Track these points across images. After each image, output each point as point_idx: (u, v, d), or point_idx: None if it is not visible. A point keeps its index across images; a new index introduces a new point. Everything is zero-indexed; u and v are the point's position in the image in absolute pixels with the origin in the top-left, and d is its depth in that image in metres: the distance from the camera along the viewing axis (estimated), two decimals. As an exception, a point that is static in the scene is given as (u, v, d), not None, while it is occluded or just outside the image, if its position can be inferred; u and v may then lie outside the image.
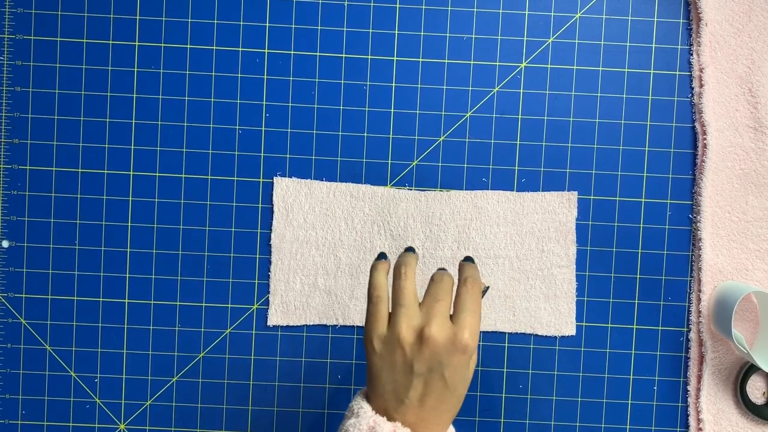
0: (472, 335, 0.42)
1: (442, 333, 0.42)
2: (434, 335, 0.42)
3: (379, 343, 0.43)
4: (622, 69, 0.61)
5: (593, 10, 0.61)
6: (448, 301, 0.44)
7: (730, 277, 0.61)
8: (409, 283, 0.45)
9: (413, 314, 0.43)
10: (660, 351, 0.62)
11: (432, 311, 0.43)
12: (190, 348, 0.62)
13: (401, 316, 0.43)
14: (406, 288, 0.44)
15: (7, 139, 0.61)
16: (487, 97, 0.61)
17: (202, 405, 0.62)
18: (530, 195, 0.61)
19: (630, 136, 0.61)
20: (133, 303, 0.61)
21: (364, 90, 0.61)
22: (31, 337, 0.62)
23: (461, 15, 0.61)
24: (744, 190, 0.61)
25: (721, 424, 0.61)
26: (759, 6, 0.61)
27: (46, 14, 0.61)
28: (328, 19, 0.61)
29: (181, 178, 0.61)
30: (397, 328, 0.43)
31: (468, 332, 0.42)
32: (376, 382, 0.44)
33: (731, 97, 0.61)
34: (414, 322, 0.43)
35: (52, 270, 0.61)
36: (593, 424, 0.62)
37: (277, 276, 0.61)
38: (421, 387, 0.43)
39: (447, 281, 0.45)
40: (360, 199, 0.61)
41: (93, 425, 0.62)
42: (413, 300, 0.44)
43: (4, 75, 0.61)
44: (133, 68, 0.61)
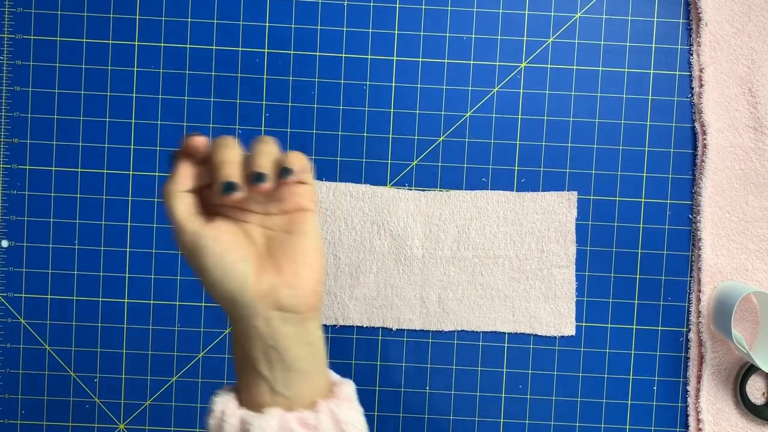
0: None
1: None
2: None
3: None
4: (622, 69, 0.61)
5: (593, 10, 0.61)
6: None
7: (730, 277, 0.61)
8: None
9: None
10: (660, 351, 0.62)
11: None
12: (189, 348, 0.62)
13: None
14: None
15: (6, 139, 0.61)
16: (487, 97, 0.61)
17: (201, 405, 0.62)
18: (530, 195, 0.61)
19: (630, 136, 0.61)
20: (132, 303, 0.61)
21: (364, 90, 0.61)
22: (30, 336, 0.62)
23: (461, 15, 0.61)
24: (744, 190, 0.61)
25: (721, 425, 0.61)
26: (759, 6, 0.61)
27: (45, 14, 0.61)
28: (328, 19, 0.61)
29: (180, 178, 0.61)
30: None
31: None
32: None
33: (731, 97, 0.61)
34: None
35: (52, 270, 0.61)
36: (593, 425, 0.62)
37: (276, 276, 0.61)
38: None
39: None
40: (360, 199, 0.61)
41: (92, 425, 0.62)
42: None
43: (4, 75, 0.61)
44: (133, 68, 0.61)
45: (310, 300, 0.37)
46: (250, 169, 0.35)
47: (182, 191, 0.37)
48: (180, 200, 0.37)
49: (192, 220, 0.37)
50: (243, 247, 0.37)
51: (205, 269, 0.36)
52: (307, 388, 0.37)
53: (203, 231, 0.36)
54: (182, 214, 0.37)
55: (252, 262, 0.36)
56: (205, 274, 0.36)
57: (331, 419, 0.36)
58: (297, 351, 0.37)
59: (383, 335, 0.62)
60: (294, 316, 0.36)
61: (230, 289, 0.36)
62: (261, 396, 0.37)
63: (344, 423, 0.36)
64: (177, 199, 0.37)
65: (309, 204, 0.38)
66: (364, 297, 0.61)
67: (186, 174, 0.37)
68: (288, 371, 0.37)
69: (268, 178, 0.35)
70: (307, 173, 0.38)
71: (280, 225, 0.38)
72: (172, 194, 0.37)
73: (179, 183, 0.37)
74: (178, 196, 0.37)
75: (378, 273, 0.61)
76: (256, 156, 0.36)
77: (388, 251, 0.61)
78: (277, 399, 0.37)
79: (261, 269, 0.36)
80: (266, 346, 0.36)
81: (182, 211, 0.37)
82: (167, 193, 0.37)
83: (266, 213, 0.38)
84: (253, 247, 0.37)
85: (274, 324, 0.36)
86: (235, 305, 0.36)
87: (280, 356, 0.36)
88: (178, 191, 0.37)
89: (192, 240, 0.36)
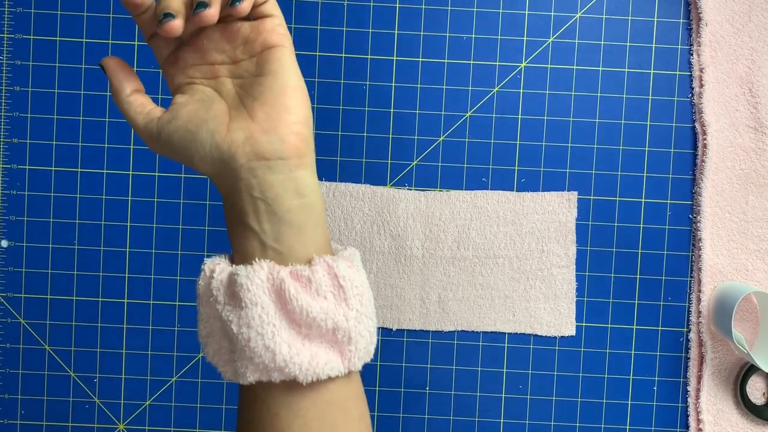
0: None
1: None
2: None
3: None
4: (622, 69, 0.61)
5: (593, 10, 0.61)
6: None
7: (730, 277, 0.61)
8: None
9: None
10: (660, 351, 0.62)
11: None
12: (189, 348, 0.62)
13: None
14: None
15: (6, 139, 0.61)
16: (487, 97, 0.61)
17: (201, 405, 0.62)
18: (530, 195, 0.61)
19: (630, 136, 0.61)
20: (132, 303, 0.61)
21: (363, 90, 0.61)
22: (30, 337, 0.61)
23: (461, 15, 0.61)
24: (744, 190, 0.61)
25: (721, 425, 0.61)
26: (759, 6, 0.60)
27: (45, 14, 0.61)
28: (328, 18, 0.61)
29: (180, 178, 0.61)
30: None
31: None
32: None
33: (731, 97, 0.61)
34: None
35: (52, 270, 0.61)
36: (593, 425, 0.62)
37: (276, 276, 0.61)
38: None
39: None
40: (360, 199, 0.61)
41: (92, 425, 0.62)
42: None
43: (4, 74, 0.61)
44: (133, 68, 0.61)
45: (294, 143, 0.34)
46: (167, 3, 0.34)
47: (127, 95, 0.36)
48: (130, 107, 0.36)
49: (149, 116, 0.36)
50: (206, 110, 0.35)
51: (176, 150, 0.35)
52: (302, 244, 0.34)
53: (161, 120, 0.35)
54: (137, 112, 0.36)
55: (218, 119, 0.34)
56: (178, 153, 0.35)
57: (327, 273, 0.33)
58: (287, 202, 0.34)
59: (383, 335, 0.62)
60: (280, 163, 0.34)
61: (203, 153, 0.34)
62: (251, 250, 0.34)
63: (342, 278, 0.34)
64: (126, 102, 0.36)
65: (278, 39, 0.35)
66: (364, 297, 0.61)
67: (120, 76, 0.36)
68: (279, 224, 0.34)
69: (210, 4, 0.33)
70: (268, 2, 0.35)
71: (249, 70, 0.36)
72: (119, 100, 0.36)
73: (120, 89, 0.36)
74: (126, 100, 0.36)
75: (378, 273, 0.61)
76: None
77: (388, 251, 0.61)
78: (268, 253, 0.34)
79: (232, 121, 0.34)
80: (253, 198, 0.34)
81: (136, 109, 0.36)
82: (117, 102, 0.37)
83: (234, 61, 0.36)
84: (221, 104, 0.35)
85: (260, 173, 0.34)
86: (215, 165, 0.34)
87: (270, 207, 0.34)
88: (124, 94, 0.36)
89: (155, 136, 0.35)
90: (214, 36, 0.36)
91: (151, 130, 0.36)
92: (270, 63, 0.35)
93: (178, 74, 0.37)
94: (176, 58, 0.37)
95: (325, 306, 0.33)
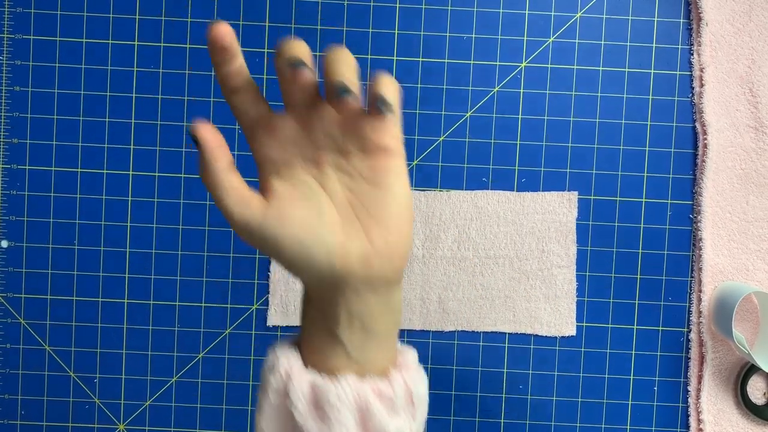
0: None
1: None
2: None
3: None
4: (623, 69, 0.61)
5: (593, 10, 0.61)
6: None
7: (731, 277, 0.61)
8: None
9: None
10: (660, 351, 0.62)
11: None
12: (189, 348, 0.62)
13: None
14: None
15: (6, 139, 0.61)
16: (487, 97, 0.61)
17: (201, 405, 0.62)
18: (530, 195, 0.61)
19: (630, 136, 0.61)
20: (132, 303, 0.61)
21: (364, 90, 0.61)
22: (30, 337, 0.61)
23: (461, 15, 0.61)
24: (745, 190, 0.61)
25: (722, 425, 0.61)
26: (759, 5, 0.60)
27: (45, 14, 0.61)
28: (328, 18, 0.61)
29: (180, 178, 0.61)
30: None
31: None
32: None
33: (732, 97, 0.61)
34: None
35: (52, 270, 0.61)
36: (593, 425, 0.62)
37: (276, 276, 0.61)
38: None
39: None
40: (360, 199, 0.61)
41: (92, 425, 0.62)
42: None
43: (4, 75, 0.61)
44: (133, 68, 0.61)
45: (400, 267, 0.32)
46: (331, 78, 0.29)
47: (223, 169, 0.30)
48: (225, 185, 0.30)
49: (249, 207, 0.30)
50: (317, 216, 0.31)
51: (283, 258, 0.31)
52: (382, 354, 0.34)
53: (266, 218, 0.30)
54: (234, 201, 0.30)
55: (334, 233, 0.31)
56: (284, 261, 0.31)
57: (405, 391, 0.33)
58: (381, 318, 0.33)
59: (383, 335, 0.62)
60: (383, 286, 0.32)
61: (316, 269, 0.31)
62: (333, 360, 0.33)
63: (416, 396, 0.34)
64: (221, 184, 0.30)
65: (394, 144, 0.31)
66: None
67: (216, 142, 0.30)
68: (367, 338, 0.33)
69: (353, 94, 0.29)
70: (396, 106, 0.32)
71: (360, 171, 0.31)
72: (213, 180, 0.30)
73: (215, 158, 0.30)
74: (220, 181, 0.30)
75: (378, 273, 0.61)
76: (335, 63, 0.29)
77: (388, 251, 0.61)
78: (351, 365, 0.33)
79: (348, 238, 0.31)
80: (350, 314, 0.32)
81: (233, 198, 0.30)
82: (208, 182, 0.30)
83: (342, 152, 0.32)
84: (331, 208, 0.31)
85: (363, 293, 0.32)
86: (321, 281, 0.31)
87: (363, 323, 0.32)
88: (219, 172, 0.30)
89: (257, 234, 0.30)
90: (324, 113, 0.32)
91: (249, 226, 0.31)
92: (385, 173, 0.31)
93: (272, 145, 0.32)
94: (273, 125, 0.32)
95: (399, 423, 0.33)
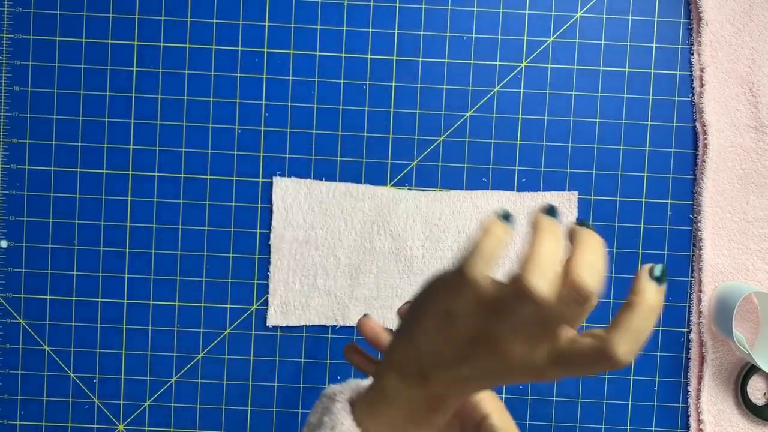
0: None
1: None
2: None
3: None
4: (623, 69, 0.61)
5: (593, 9, 0.61)
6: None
7: (731, 277, 0.61)
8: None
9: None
10: (660, 351, 0.62)
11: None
12: (189, 348, 0.62)
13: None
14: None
15: (5, 139, 0.61)
16: (487, 97, 0.61)
17: (201, 405, 0.62)
18: (530, 195, 0.61)
19: (630, 136, 0.61)
20: (131, 303, 0.61)
21: (363, 90, 0.61)
22: (29, 337, 0.61)
23: (461, 15, 0.61)
24: (745, 190, 0.61)
25: (722, 425, 0.61)
26: (759, 5, 0.60)
27: (45, 14, 0.61)
28: (328, 18, 0.61)
29: (180, 178, 0.61)
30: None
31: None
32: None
33: (732, 97, 0.61)
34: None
35: (51, 270, 0.61)
36: (593, 425, 0.61)
37: (276, 276, 0.61)
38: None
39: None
40: (360, 199, 0.61)
41: (92, 426, 0.62)
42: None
43: (3, 74, 0.61)
44: (132, 68, 0.61)
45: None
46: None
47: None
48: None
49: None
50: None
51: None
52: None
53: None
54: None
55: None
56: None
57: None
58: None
59: (383, 336, 0.62)
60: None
61: None
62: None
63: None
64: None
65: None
66: (364, 297, 0.61)
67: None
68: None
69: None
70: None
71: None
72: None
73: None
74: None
75: (378, 273, 0.61)
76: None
77: (388, 251, 0.61)
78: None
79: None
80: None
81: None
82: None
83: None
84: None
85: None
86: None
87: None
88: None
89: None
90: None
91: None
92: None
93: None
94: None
95: None
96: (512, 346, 0.29)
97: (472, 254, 0.29)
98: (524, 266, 0.27)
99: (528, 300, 0.27)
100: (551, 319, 0.28)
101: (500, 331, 0.29)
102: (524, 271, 0.27)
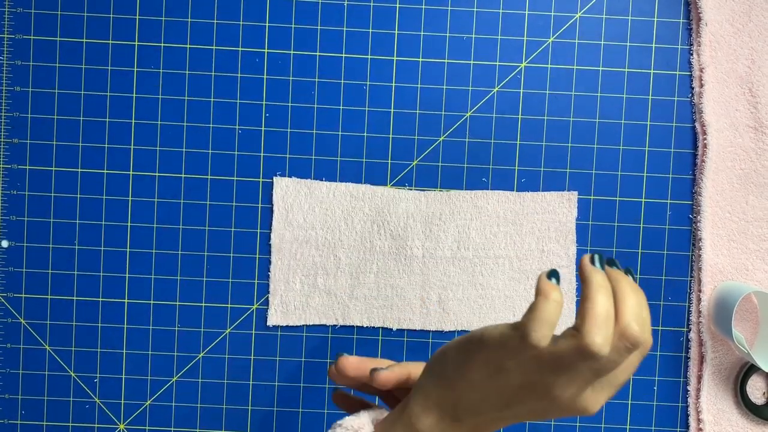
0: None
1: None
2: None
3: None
4: (622, 69, 0.61)
5: (593, 10, 0.61)
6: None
7: (731, 277, 0.61)
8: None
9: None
10: (660, 351, 0.62)
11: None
12: (189, 348, 0.62)
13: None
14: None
15: (6, 139, 0.61)
16: (487, 97, 0.61)
17: (201, 405, 0.62)
18: (530, 195, 0.61)
19: (630, 136, 0.61)
20: (132, 303, 0.61)
21: (364, 90, 0.61)
22: (30, 337, 0.62)
23: (461, 15, 0.61)
24: (744, 190, 0.61)
25: (722, 425, 0.61)
26: (759, 5, 0.60)
27: (45, 14, 0.61)
28: (328, 18, 0.61)
29: (180, 178, 0.61)
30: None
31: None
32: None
33: (731, 97, 0.61)
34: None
35: (52, 270, 0.61)
36: (593, 425, 0.62)
37: (276, 276, 0.61)
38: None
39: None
40: (360, 199, 0.61)
41: (92, 425, 0.62)
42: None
43: (4, 75, 0.61)
44: (133, 68, 0.61)
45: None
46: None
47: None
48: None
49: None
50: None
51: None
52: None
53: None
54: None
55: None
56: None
57: None
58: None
59: (383, 335, 0.62)
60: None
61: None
62: None
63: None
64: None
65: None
66: (365, 297, 0.61)
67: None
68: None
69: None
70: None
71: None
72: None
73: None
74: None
75: (378, 273, 0.61)
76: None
77: (388, 251, 0.61)
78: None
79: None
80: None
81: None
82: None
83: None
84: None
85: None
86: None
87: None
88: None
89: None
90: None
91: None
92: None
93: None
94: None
95: None
96: (564, 392, 0.31)
97: (532, 319, 0.30)
98: (584, 325, 0.29)
99: (589, 356, 0.29)
100: (606, 368, 0.30)
101: (554, 381, 0.31)
102: (584, 330, 0.29)
